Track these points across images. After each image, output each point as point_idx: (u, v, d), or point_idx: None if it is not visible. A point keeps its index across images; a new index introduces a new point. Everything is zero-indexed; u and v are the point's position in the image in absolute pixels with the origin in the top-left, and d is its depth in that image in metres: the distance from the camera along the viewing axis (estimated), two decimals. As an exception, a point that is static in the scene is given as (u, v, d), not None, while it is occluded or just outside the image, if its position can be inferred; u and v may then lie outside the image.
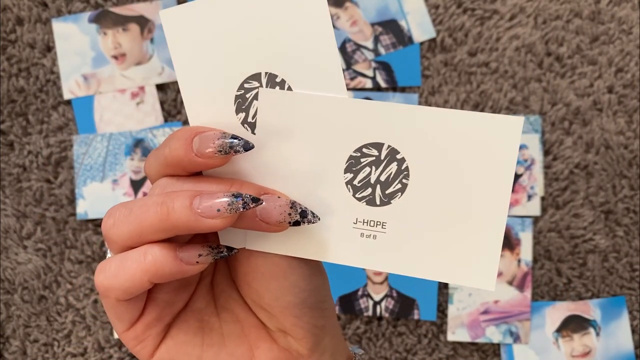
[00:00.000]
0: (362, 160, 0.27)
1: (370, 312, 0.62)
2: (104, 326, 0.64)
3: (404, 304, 0.62)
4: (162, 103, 0.64)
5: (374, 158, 0.27)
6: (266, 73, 0.27)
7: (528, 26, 0.63)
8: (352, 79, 0.63)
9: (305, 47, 0.26)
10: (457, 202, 0.26)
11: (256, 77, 0.27)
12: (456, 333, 0.62)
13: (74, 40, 0.64)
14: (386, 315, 0.62)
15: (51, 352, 0.64)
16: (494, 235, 0.26)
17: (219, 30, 0.27)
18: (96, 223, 0.64)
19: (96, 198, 0.63)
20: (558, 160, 0.63)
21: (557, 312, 0.62)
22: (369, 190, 0.27)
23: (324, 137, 0.27)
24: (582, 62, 0.63)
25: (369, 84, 0.63)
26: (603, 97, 0.62)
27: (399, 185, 0.27)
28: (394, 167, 0.26)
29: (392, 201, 0.27)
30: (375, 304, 0.62)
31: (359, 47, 0.63)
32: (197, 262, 0.25)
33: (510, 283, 0.62)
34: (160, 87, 0.64)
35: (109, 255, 0.27)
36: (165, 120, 0.64)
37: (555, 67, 0.63)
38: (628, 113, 0.62)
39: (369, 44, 0.63)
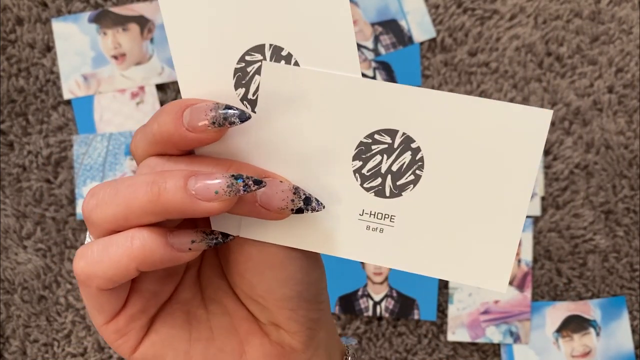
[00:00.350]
0: (373, 147, 0.24)
1: (370, 312, 0.62)
2: (104, 326, 0.64)
3: (404, 304, 0.62)
4: (162, 103, 0.64)
5: (386, 146, 0.24)
6: (271, 45, 0.24)
7: (528, 26, 0.63)
8: (352, 79, 0.63)
9: (318, 18, 0.23)
10: (474, 197, 0.24)
11: (259, 49, 0.24)
12: (456, 333, 0.62)
13: (73, 40, 0.64)
14: (386, 315, 0.62)
15: (51, 352, 0.64)
16: (510, 235, 0.24)
17: None
18: (96, 223, 0.64)
19: (96, 198, 0.63)
20: (558, 160, 0.63)
21: (557, 312, 0.62)
22: (379, 180, 0.25)
23: (332, 119, 0.24)
24: (582, 62, 0.63)
25: (369, 84, 0.63)
26: (603, 97, 0.62)
27: (412, 177, 0.25)
28: (407, 156, 0.24)
29: (403, 193, 0.25)
30: (375, 304, 0.62)
31: (359, 47, 0.63)
32: (190, 248, 0.23)
33: (510, 283, 0.62)
34: (160, 87, 0.64)
35: (87, 240, 0.25)
36: (165, 120, 0.64)
37: (555, 67, 0.63)
38: (628, 113, 0.62)
39: (369, 43, 0.63)
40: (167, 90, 0.64)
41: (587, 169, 0.62)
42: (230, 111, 0.23)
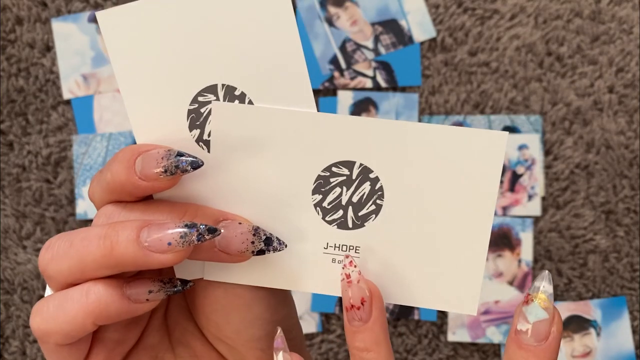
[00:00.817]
0: (331, 180, 0.24)
1: (370, 313, 0.62)
2: (104, 326, 0.64)
3: (404, 304, 0.62)
4: (161, 103, 0.64)
5: (344, 177, 0.24)
6: (223, 85, 0.24)
7: (528, 26, 0.63)
8: (352, 78, 0.63)
9: (269, 56, 0.23)
10: (437, 223, 0.24)
11: (212, 89, 0.24)
12: (456, 333, 0.62)
13: (73, 40, 0.64)
14: (386, 315, 0.62)
15: (51, 352, 0.64)
16: (476, 258, 0.24)
17: (168, 35, 0.23)
18: (96, 223, 0.64)
19: (96, 198, 0.63)
20: (559, 160, 0.62)
21: (557, 312, 0.62)
22: (340, 212, 0.24)
23: (288, 155, 0.24)
24: (583, 61, 0.63)
25: (369, 83, 0.63)
26: (604, 97, 0.62)
27: (373, 207, 0.24)
28: (367, 187, 0.24)
29: (365, 224, 0.24)
30: (376, 304, 0.62)
31: (359, 46, 0.63)
32: (147, 299, 0.23)
33: (510, 283, 0.62)
34: (160, 87, 0.64)
35: (48, 292, 0.24)
36: (165, 120, 0.64)
37: (555, 66, 0.63)
38: (629, 113, 0.62)
39: (369, 43, 0.63)
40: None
41: (587, 169, 0.62)
42: (182, 158, 0.22)
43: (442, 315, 0.62)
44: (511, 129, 0.62)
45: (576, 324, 0.62)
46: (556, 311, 0.23)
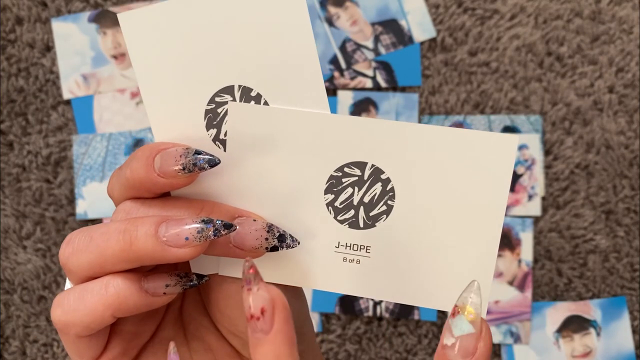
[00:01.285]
0: (343, 180, 0.25)
1: (370, 313, 0.62)
2: (104, 326, 0.64)
3: (404, 305, 0.62)
4: (161, 103, 0.64)
5: (356, 178, 0.25)
6: (240, 86, 0.24)
7: (528, 26, 0.63)
8: (352, 78, 0.63)
9: (284, 58, 0.24)
10: (447, 224, 0.24)
11: (229, 90, 0.25)
12: (456, 333, 0.62)
13: (73, 40, 0.64)
14: (386, 315, 0.62)
15: (51, 352, 0.64)
16: (485, 261, 0.24)
17: (188, 36, 0.24)
18: (96, 223, 0.64)
19: (96, 198, 0.63)
20: (559, 160, 0.62)
21: (557, 312, 0.62)
22: (352, 212, 0.25)
23: (301, 155, 0.25)
24: (583, 61, 0.63)
25: (369, 83, 0.63)
26: (604, 97, 0.62)
27: (384, 207, 0.25)
28: (378, 187, 0.25)
29: (376, 224, 0.25)
30: (376, 304, 0.62)
31: (359, 46, 0.63)
32: (164, 292, 0.23)
33: (510, 283, 0.62)
34: (160, 87, 0.64)
35: (67, 285, 0.25)
36: (165, 120, 0.64)
37: (555, 66, 0.63)
38: (629, 113, 0.62)
39: (369, 43, 0.63)
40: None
41: (587, 169, 0.62)
42: (199, 156, 0.23)
43: (442, 315, 0.62)
44: (511, 129, 0.62)
45: (576, 324, 0.62)
46: (484, 325, 0.22)
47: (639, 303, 0.62)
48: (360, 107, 0.63)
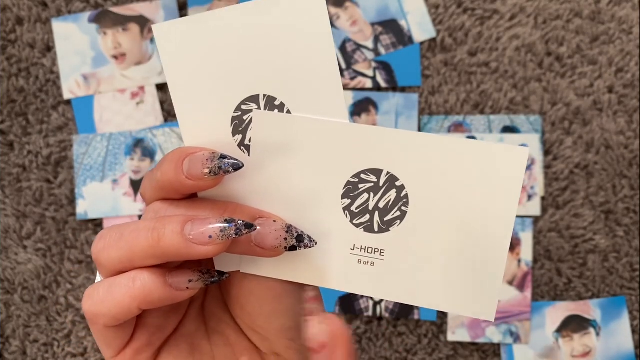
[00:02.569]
0: (360, 186, 0.26)
1: (370, 312, 0.62)
2: (104, 326, 0.64)
3: (404, 304, 0.62)
4: (162, 103, 0.64)
5: (372, 184, 0.26)
6: (264, 95, 0.26)
7: (528, 26, 0.63)
8: (352, 78, 0.63)
9: (307, 70, 0.26)
10: (458, 231, 0.26)
11: (254, 99, 0.26)
12: (456, 333, 0.62)
13: (73, 40, 0.64)
14: (386, 315, 0.62)
15: (51, 352, 0.64)
16: (495, 266, 0.26)
17: (217, 47, 0.26)
18: (96, 223, 0.64)
19: (96, 198, 0.63)
20: (558, 160, 0.63)
21: (557, 312, 0.62)
22: (367, 216, 0.26)
23: (320, 161, 0.26)
24: (582, 62, 0.63)
25: (369, 83, 0.63)
26: (603, 97, 0.62)
27: (398, 213, 0.26)
28: (392, 194, 0.26)
29: (390, 228, 0.26)
30: (376, 304, 0.62)
31: (359, 47, 0.63)
32: (187, 287, 0.25)
33: (510, 283, 0.62)
34: (160, 87, 0.64)
35: (98, 278, 0.27)
36: (165, 120, 0.64)
37: (555, 67, 0.63)
38: (628, 113, 0.62)
39: (369, 43, 0.63)
40: (167, 90, 0.64)
41: (587, 169, 0.62)
42: (225, 160, 0.25)
43: (442, 315, 0.62)
44: (511, 129, 0.62)
45: (576, 324, 0.62)
46: None
47: (639, 303, 0.62)
48: (360, 107, 0.63)
